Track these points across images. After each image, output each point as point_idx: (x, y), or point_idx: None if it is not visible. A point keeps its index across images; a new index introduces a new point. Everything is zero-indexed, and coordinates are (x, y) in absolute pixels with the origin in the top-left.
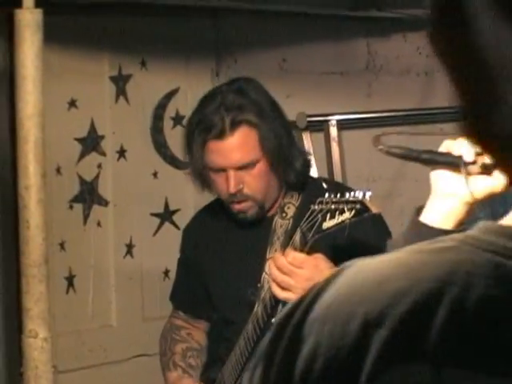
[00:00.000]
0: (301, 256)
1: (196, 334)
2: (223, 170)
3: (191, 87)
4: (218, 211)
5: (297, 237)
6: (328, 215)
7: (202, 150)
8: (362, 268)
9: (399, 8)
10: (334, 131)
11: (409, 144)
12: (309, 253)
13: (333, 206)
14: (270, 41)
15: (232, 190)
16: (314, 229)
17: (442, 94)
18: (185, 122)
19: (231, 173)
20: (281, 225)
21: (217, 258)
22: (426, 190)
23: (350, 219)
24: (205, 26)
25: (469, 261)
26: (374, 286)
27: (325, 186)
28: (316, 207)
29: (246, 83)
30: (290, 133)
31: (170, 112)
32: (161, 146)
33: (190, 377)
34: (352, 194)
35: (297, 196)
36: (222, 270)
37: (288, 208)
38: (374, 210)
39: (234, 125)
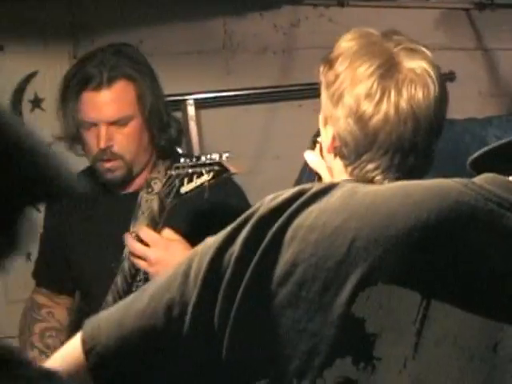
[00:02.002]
0: (152, 234)
1: (58, 311)
2: (95, 125)
3: (49, 70)
4: (83, 182)
5: (155, 204)
6: (186, 179)
7: (76, 102)
8: (356, 188)
9: None
10: (191, 110)
11: (268, 121)
12: (163, 227)
13: (190, 170)
14: (127, 22)
15: (102, 144)
16: (172, 194)
17: (300, 71)
18: (43, 104)
19: (103, 128)
20: (146, 200)
21: (80, 231)
22: (285, 168)
23: (208, 181)
24: (61, 9)
25: (470, 205)
26: (369, 205)
27: (180, 151)
28: (173, 172)
29: (125, 46)
30: (165, 99)
31: (28, 95)
32: None
33: (46, 357)
34: (209, 156)
35: (163, 172)
36: (84, 242)
37: (154, 183)
38: (233, 169)
39: (112, 78)
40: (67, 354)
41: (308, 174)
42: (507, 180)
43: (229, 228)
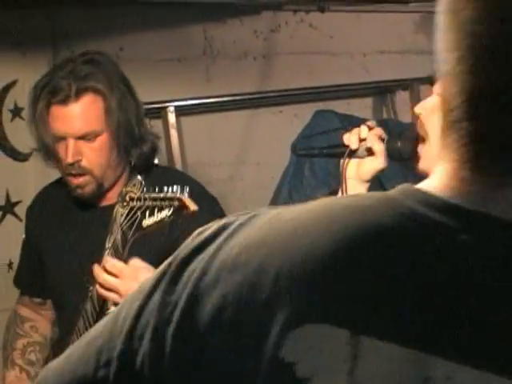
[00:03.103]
0: (119, 265)
1: (41, 325)
2: (64, 138)
3: (29, 79)
4: (61, 190)
5: (118, 235)
6: (147, 212)
7: (45, 114)
8: (274, 219)
9: None
10: (172, 117)
11: (248, 127)
12: (129, 258)
13: (151, 203)
14: (107, 30)
15: (69, 159)
16: (133, 227)
17: (280, 76)
18: (23, 113)
19: (71, 142)
20: (121, 214)
21: (56, 240)
22: (266, 174)
23: (168, 217)
24: (40, 18)
25: (388, 225)
26: (290, 238)
27: (140, 179)
28: (135, 204)
29: (98, 55)
30: (141, 113)
31: (8, 104)
32: (0, 139)
33: (26, 374)
34: (170, 189)
35: (139, 185)
36: (59, 253)
37: (129, 197)
38: (192, 207)
39: (80, 91)
40: None
41: (289, 180)
42: (425, 192)
43: (157, 270)
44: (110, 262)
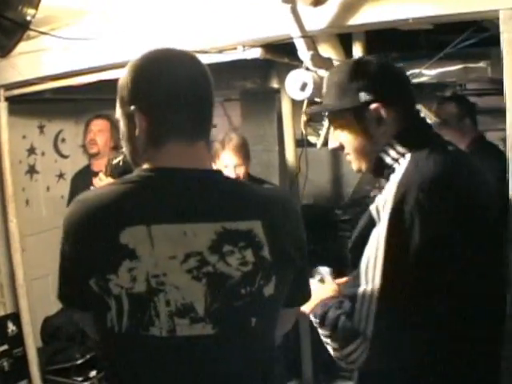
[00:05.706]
0: (105, 178)
1: None
2: None
3: None
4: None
5: (108, 168)
6: (115, 159)
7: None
8: (91, 193)
9: None
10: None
11: None
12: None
13: (115, 157)
14: None
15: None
16: (109, 164)
17: None
18: None
19: None
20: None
21: None
22: None
23: (119, 161)
24: None
25: (133, 187)
26: (98, 200)
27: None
28: (113, 157)
29: None
30: None
31: None
32: None
33: None
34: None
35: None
36: None
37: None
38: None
39: None
40: None
41: None
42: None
43: None
44: (103, 177)
